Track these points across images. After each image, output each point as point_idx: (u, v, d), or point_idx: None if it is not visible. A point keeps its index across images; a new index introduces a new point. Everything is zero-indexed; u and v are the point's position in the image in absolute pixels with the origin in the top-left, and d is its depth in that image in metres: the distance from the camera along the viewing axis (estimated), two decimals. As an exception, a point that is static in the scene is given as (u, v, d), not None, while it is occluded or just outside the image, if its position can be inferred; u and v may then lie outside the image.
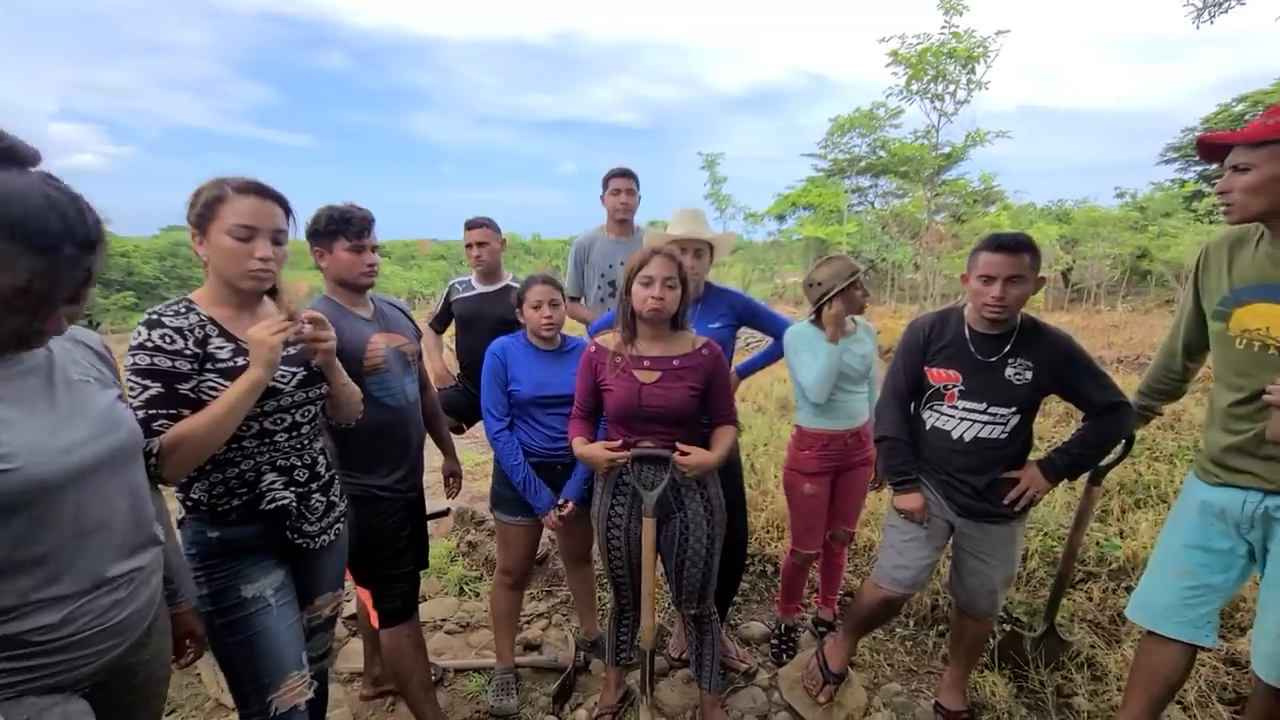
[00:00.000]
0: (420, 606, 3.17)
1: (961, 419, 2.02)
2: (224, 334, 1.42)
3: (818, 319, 2.46)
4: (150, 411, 1.30)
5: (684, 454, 1.93)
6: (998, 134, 9.74)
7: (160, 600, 1.22)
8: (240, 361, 1.41)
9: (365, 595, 2.11)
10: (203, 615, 1.44)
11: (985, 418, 1.99)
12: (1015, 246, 1.87)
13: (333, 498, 1.68)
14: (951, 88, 9.08)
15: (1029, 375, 1.94)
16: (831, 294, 2.35)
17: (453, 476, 2.59)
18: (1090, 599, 2.75)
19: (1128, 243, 18.26)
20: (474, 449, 5.61)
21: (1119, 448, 2.24)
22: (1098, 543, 3.05)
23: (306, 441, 1.58)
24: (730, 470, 2.44)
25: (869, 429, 2.53)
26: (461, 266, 32.24)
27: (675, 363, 1.99)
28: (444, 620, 3.11)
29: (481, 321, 3.00)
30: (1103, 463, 2.21)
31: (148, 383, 1.31)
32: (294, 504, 1.54)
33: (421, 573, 2.93)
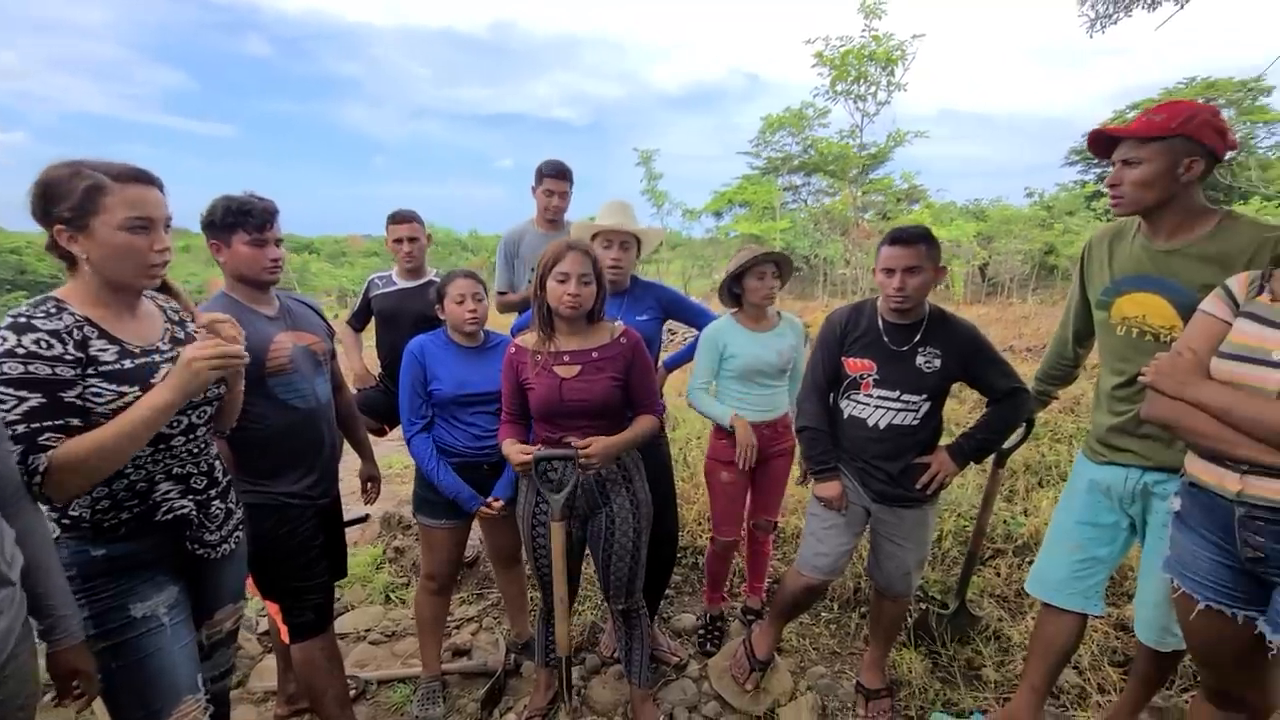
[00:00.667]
0: (343, 617, 3.07)
1: (877, 407, 2.09)
2: (105, 335, 1.30)
3: (740, 312, 2.52)
4: (32, 425, 1.17)
5: (584, 446, 1.90)
6: (916, 134, 10.24)
7: (15, 641, 1.09)
8: (128, 364, 1.30)
9: (274, 610, 2.00)
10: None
11: (899, 405, 2.06)
12: (911, 239, 1.96)
13: (230, 504, 1.58)
14: (873, 89, 9.46)
15: (938, 363, 2.02)
16: (739, 272, 2.45)
17: (370, 481, 2.48)
18: (998, 574, 2.91)
19: (1036, 239, 19.52)
20: (401, 452, 5.43)
21: (1020, 431, 2.38)
22: (1004, 521, 3.23)
23: (203, 445, 1.48)
24: (660, 465, 2.45)
25: (789, 420, 2.59)
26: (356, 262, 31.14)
27: (595, 354, 1.98)
28: (368, 630, 2.99)
29: (403, 318, 2.89)
30: (1006, 446, 2.33)
31: (24, 394, 1.17)
32: (194, 513, 1.44)
33: (344, 581, 2.82)
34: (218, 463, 1.55)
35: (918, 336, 2.05)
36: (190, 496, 1.44)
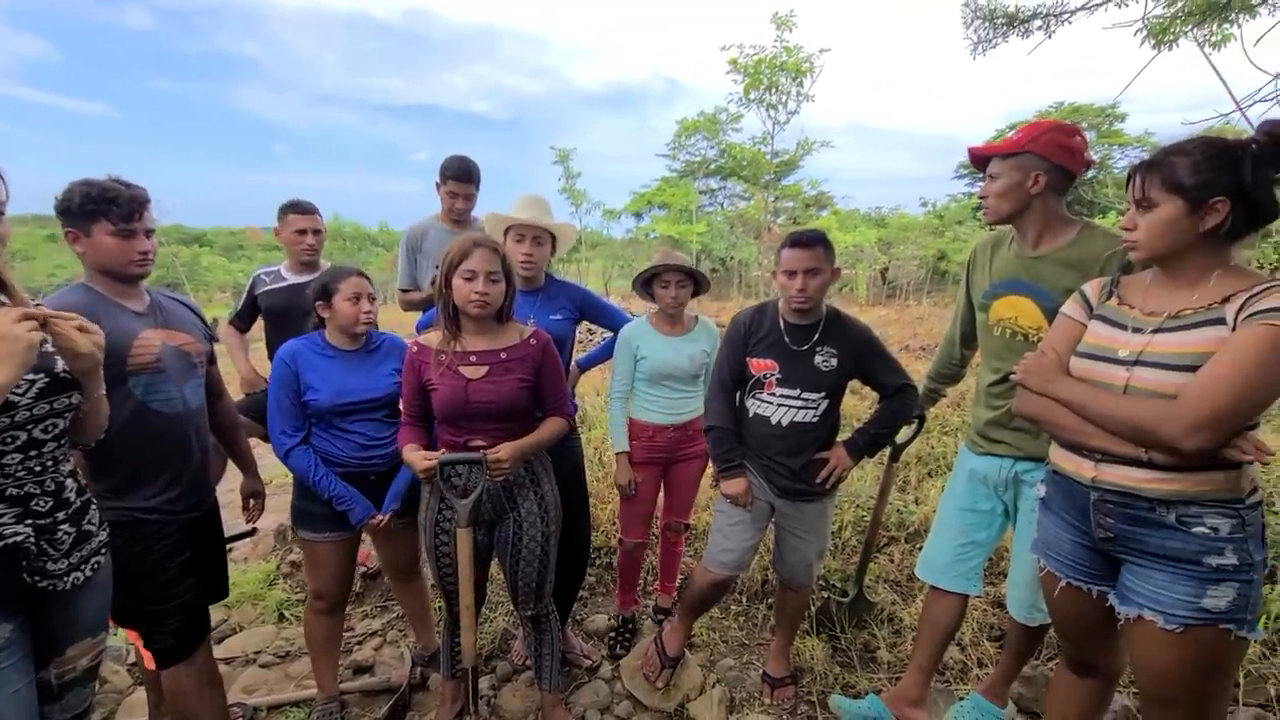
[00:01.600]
0: (231, 639, 2.84)
1: (779, 405, 2.16)
2: None
3: (655, 314, 2.55)
4: None
5: (494, 451, 1.85)
6: (823, 144, 10.74)
7: None
8: None
9: (133, 636, 1.81)
10: None
11: (799, 403, 2.14)
12: (810, 241, 2.04)
13: (87, 526, 1.40)
14: (784, 98, 9.83)
15: (834, 362, 2.11)
16: (643, 280, 2.51)
17: (254, 496, 2.30)
18: (892, 561, 3.09)
19: (930, 246, 21.00)
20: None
21: (913, 427, 2.53)
22: (898, 510, 3.44)
23: (50, 463, 1.31)
24: (572, 469, 2.42)
25: (699, 424, 2.63)
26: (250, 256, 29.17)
27: (503, 355, 1.92)
28: (258, 652, 2.78)
29: (294, 314, 2.70)
30: (900, 441, 2.48)
31: None
32: (31, 539, 1.26)
33: (232, 601, 2.59)
34: (70, 481, 1.37)
35: (816, 336, 2.13)
36: (29, 521, 1.27)
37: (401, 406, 2.03)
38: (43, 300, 1.44)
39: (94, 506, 1.45)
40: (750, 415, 2.22)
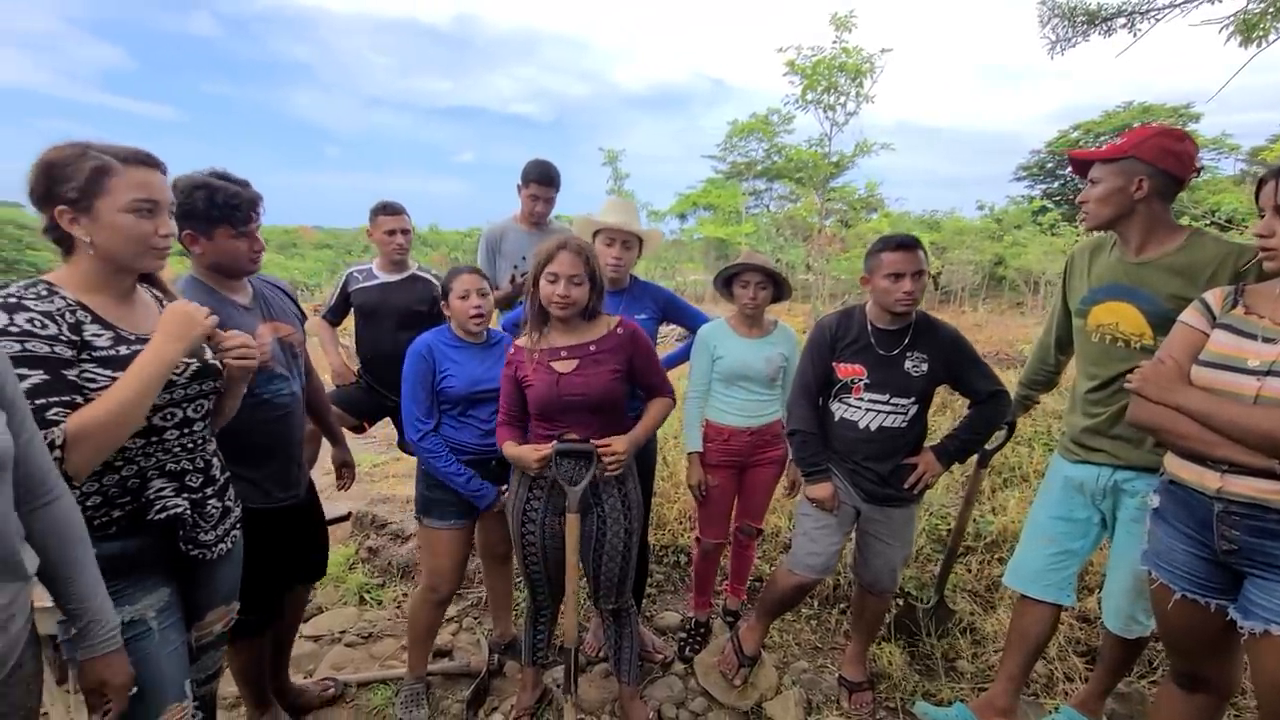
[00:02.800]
0: (317, 618, 2.98)
1: (867, 410, 2.15)
2: (99, 320, 1.24)
3: (735, 316, 2.57)
4: (39, 401, 1.11)
5: (605, 445, 1.92)
6: (883, 145, 10.52)
7: (23, 645, 1.04)
8: (123, 351, 1.24)
9: None
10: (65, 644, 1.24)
11: (888, 408, 2.13)
12: (913, 244, 2.04)
13: (228, 502, 1.52)
14: (842, 99, 9.69)
15: (925, 367, 2.10)
16: (724, 278, 2.52)
17: (344, 466, 2.41)
18: (969, 570, 3.03)
19: (987, 251, 20.33)
20: (371, 449, 5.30)
21: (1002, 434, 2.48)
22: (975, 520, 3.36)
23: (200, 441, 1.42)
24: (645, 466, 2.46)
25: (778, 429, 2.63)
26: (350, 256, 30.27)
27: (592, 348, 1.98)
28: (343, 632, 2.91)
29: (385, 312, 2.83)
30: (988, 447, 2.43)
31: (24, 370, 1.11)
32: (188, 512, 1.37)
33: (317, 582, 2.72)
34: (215, 459, 1.49)
35: (906, 341, 2.12)
36: (185, 495, 1.38)
37: (500, 407, 2.10)
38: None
39: (232, 485, 1.56)
40: (836, 419, 2.22)
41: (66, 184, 1.19)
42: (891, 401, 2.12)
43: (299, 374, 1.97)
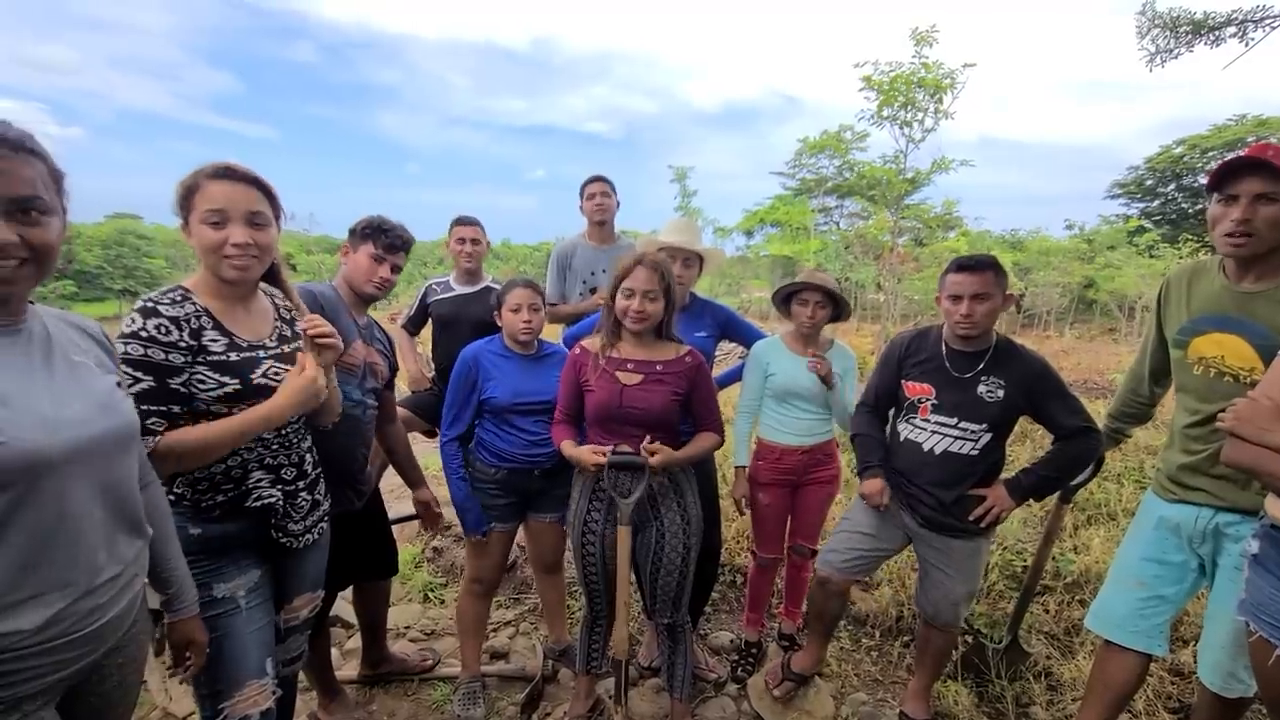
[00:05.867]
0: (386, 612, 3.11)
1: (933, 432, 2.08)
2: (218, 326, 1.37)
3: (790, 333, 2.55)
4: (143, 407, 1.23)
5: (652, 450, 1.94)
6: (962, 162, 10.13)
7: (140, 604, 1.15)
8: (234, 357, 1.37)
9: None
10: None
11: (956, 432, 2.05)
12: (978, 266, 1.97)
13: (318, 496, 1.63)
14: (920, 115, 9.42)
15: (1000, 394, 2.01)
16: (783, 295, 2.51)
17: (424, 505, 2.45)
18: (1047, 611, 2.85)
19: (1075, 272, 19.16)
20: (439, 454, 5.50)
21: (1089, 469, 2.33)
22: (1053, 558, 3.16)
23: (295, 439, 1.53)
24: (706, 482, 2.46)
25: (832, 448, 2.59)
26: (426, 268, 31.72)
27: (659, 367, 2.01)
28: (408, 627, 3.03)
29: (461, 323, 2.96)
30: (1072, 482, 2.29)
31: (139, 375, 1.25)
32: (280, 502, 1.49)
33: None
34: (309, 456, 1.60)
35: (981, 365, 2.04)
36: (279, 487, 1.49)
37: (557, 404, 2.16)
38: (297, 286, 1.69)
39: (323, 480, 1.67)
40: (901, 440, 2.16)
41: (180, 201, 1.34)
42: (960, 426, 2.04)
43: (368, 397, 2.06)
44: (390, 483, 2.40)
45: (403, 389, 3.10)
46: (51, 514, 0.93)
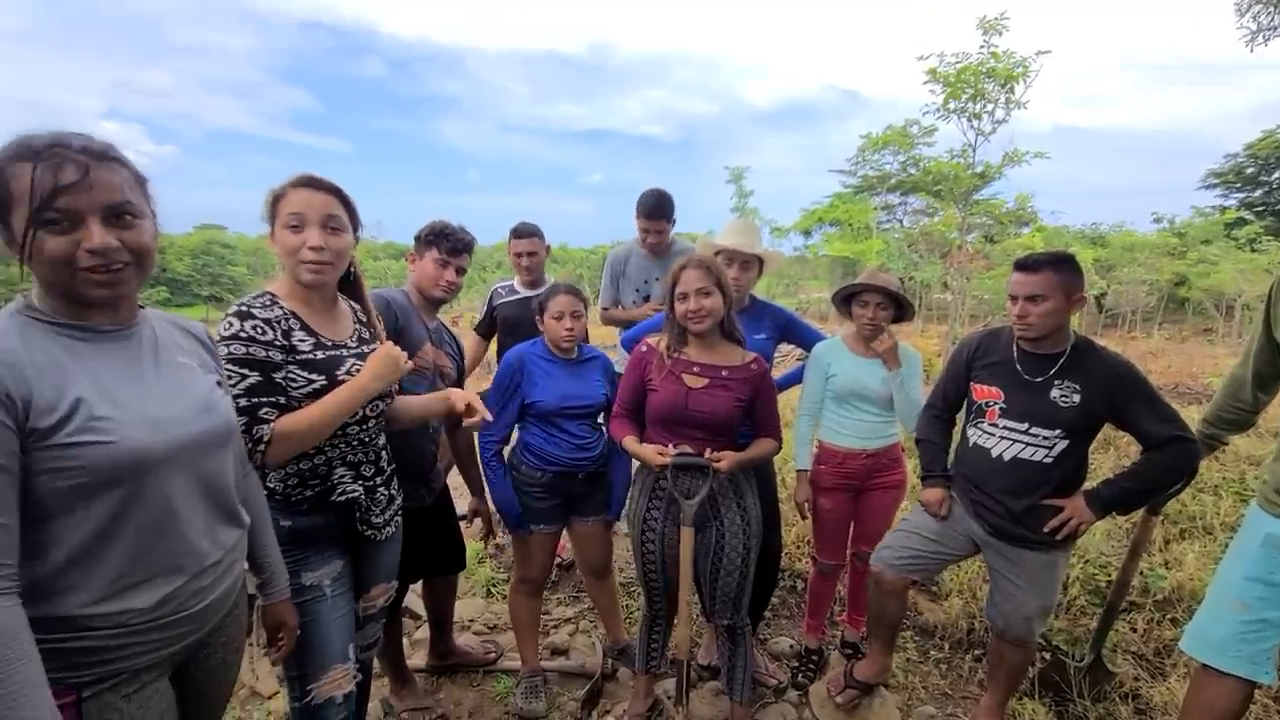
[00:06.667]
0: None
1: (1002, 438, 2.00)
2: (305, 328, 1.46)
3: (852, 334, 2.50)
4: (253, 399, 1.33)
5: (716, 458, 1.95)
6: (1035, 154, 9.61)
7: (240, 588, 1.24)
8: (320, 355, 1.45)
9: None
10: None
11: (1026, 439, 1.96)
12: (1034, 265, 1.89)
13: (393, 491, 1.71)
14: (990, 107, 8.99)
15: (1076, 399, 1.90)
16: (843, 296, 2.47)
17: (477, 514, 2.53)
18: (1134, 630, 2.68)
19: (1165, 269, 17.87)
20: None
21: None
22: (1142, 573, 2.96)
23: (372, 436, 1.61)
24: (766, 484, 2.44)
25: (897, 453, 2.52)
26: (486, 272, 32.59)
27: (724, 372, 2.01)
28: (472, 621, 3.12)
29: (524, 325, 3.03)
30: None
31: (245, 371, 1.35)
32: (362, 497, 1.57)
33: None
34: (384, 453, 1.68)
35: (1056, 368, 1.94)
36: (360, 482, 1.57)
37: (617, 399, 2.18)
38: (371, 293, 1.78)
39: (396, 477, 1.75)
40: (969, 444, 2.09)
41: (267, 210, 1.45)
42: (1031, 432, 1.95)
43: None
44: (456, 480, 2.48)
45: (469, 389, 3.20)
46: (160, 507, 1.01)
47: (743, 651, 2.18)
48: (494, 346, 3.42)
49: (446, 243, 2.03)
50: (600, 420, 2.38)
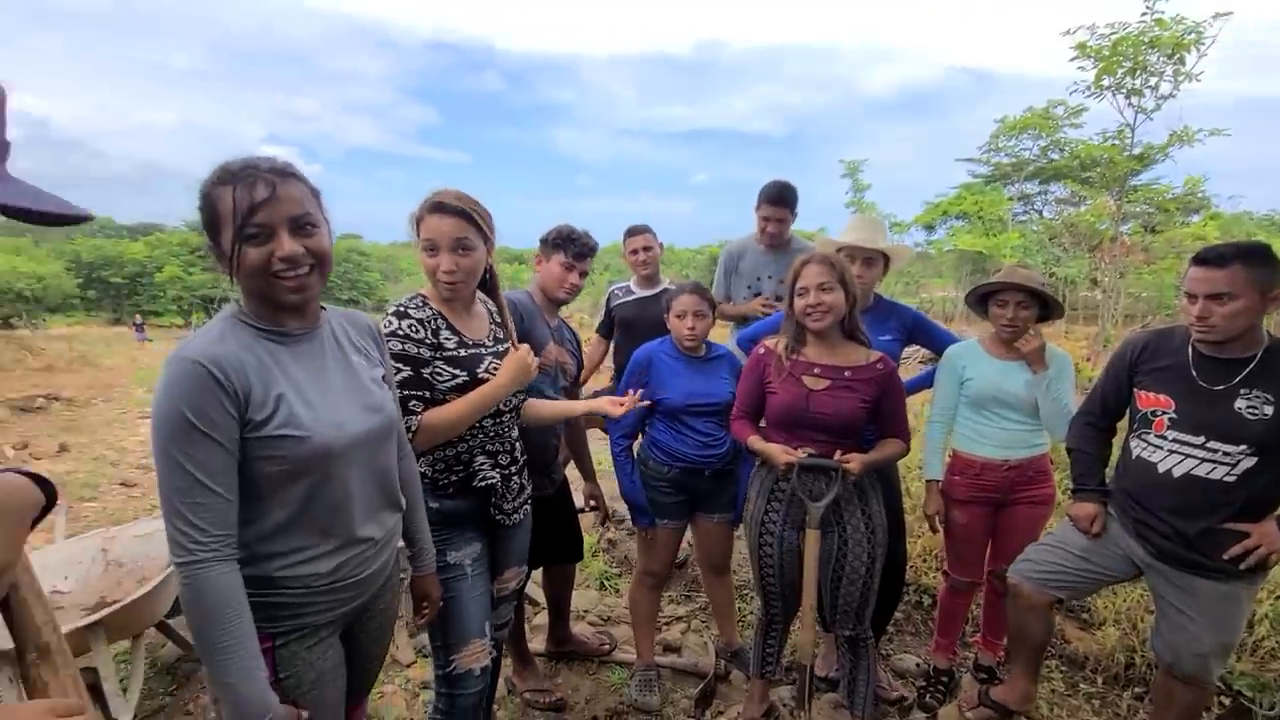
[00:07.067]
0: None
1: (1171, 452, 1.78)
2: (450, 327, 1.60)
3: (990, 337, 2.33)
4: (405, 392, 1.50)
5: (846, 460, 1.91)
6: (1211, 132, 8.36)
7: (395, 560, 1.38)
8: (463, 353, 1.59)
9: None
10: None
11: (1203, 454, 1.74)
12: (1219, 259, 1.65)
13: (524, 480, 1.82)
14: (1153, 81, 7.94)
15: (1269, 411, 1.66)
16: (975, 296, 2.32)
17: (593, 498, 2.65)
18: (1345, 684, 2.28)
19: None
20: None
21: None
22: (1354, 616, 2.52)
23: (508, 429, 1.73)
24: (890, 490, 2.33)
25: (1045, 465, 2.31)
26: (595, 274, 33.51)
27: (847, 374, 1.96)
28: (586, 611, 3.24)
29: (641, 325, 3.10)
30: None
31: (400, 366, 1.51)
32: (499, 484, 1.70)
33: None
34: (518, 444, 1.80)
35: (1243, 375, 1.70)
36: (497, 470, 1.70)
37: (736, 401, 2.17)
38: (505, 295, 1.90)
39: (528, 467, 1.87)
40: (1131, 457, 1.89)
41: (411, 229, 1.60)
42: (1208, 446, 1.72)
43: (560, 394, 2.24)
44: (574, 474, 2.59)
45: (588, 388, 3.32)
46: (339, 491, 1.16)
47: (865, 664, 2.11)
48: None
49: (573, 247, 2.14)
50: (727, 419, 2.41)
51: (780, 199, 3.04)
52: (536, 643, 2.82)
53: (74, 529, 3.67)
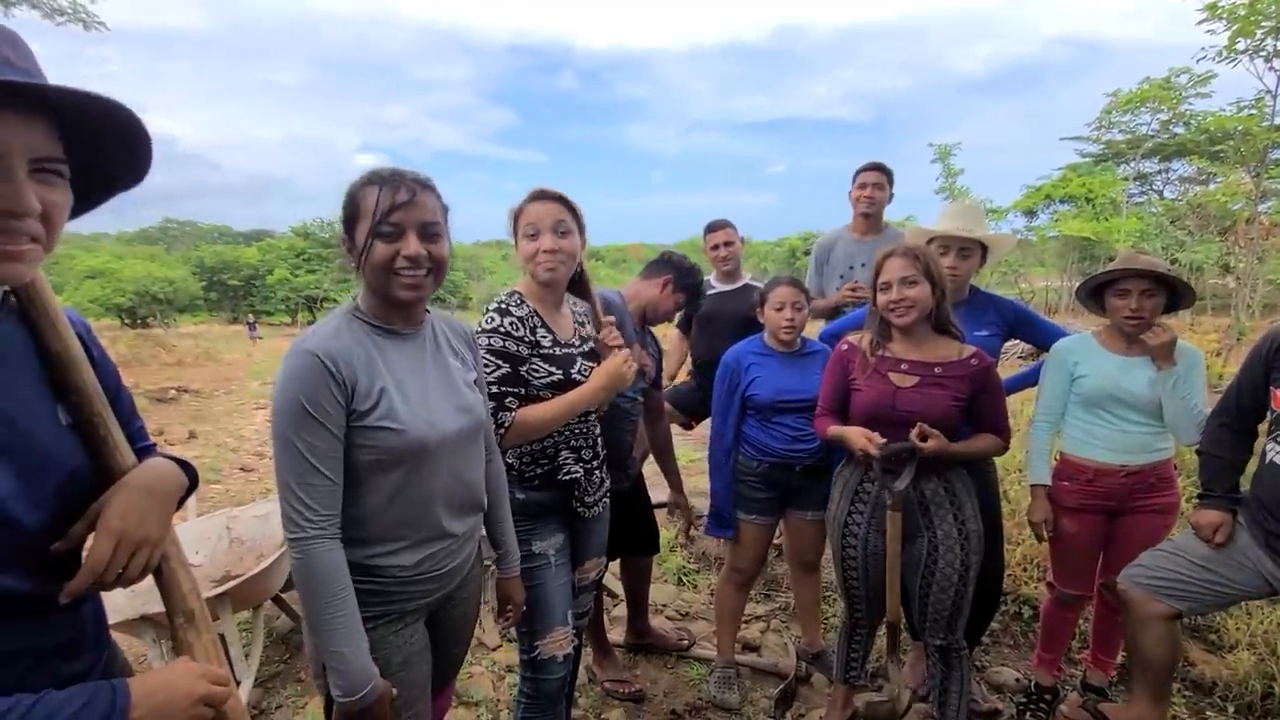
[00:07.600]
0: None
1: None
2: (544, 325, 1.65)
3: (1104, 330, 2.14)
4: (502, 388, 1.56)
5: (923, 434, 1.81)
6: (1373, 94, 7.30)
7: (477, 557, 1.44)
8: (558, 351, 1.64)
9: None
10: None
11: None
12: None
13: (604, 474, 1.86)
14: (1302, 38, 7.02)
15: None
16: (1091, 287, 2.14)
17: (677, 507, 2.69)
18: None
19: None
20: (689, 445, 5.78)
21: None
22: None
23: (591, 426, 1.77)
24: (987, 493, 2.20)
25: (1168, 471, 2.11)
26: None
27: (937, 370, 1.86)
28: (664, 605, 3.26)
29: (721, 319, 3.08)
30: None
31: (499, 362, 1.57)
32: (582, 477, 1.74)
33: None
34: (599, 440, 1.84)
35: None
36: (580, 464, 1.74)
37: (820, 398, 2.11)
38: (598, 292, 1.95)
39: (607, 463, 1.90)
40: (1266, 462, 1.70)
41: (511, 224, 1.66)
42: None
43: (635, 393, 2.25)
44: (650, 468, 2.61)
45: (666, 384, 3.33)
46: (426, 487, 1.22)
47: (958, 676, 2.00)
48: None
49: (687, 279, 2.34)
50: None
51: (878, 165, 3.06)
52: (616, 634, 2.87)
53: (202, 509, 4.07)
